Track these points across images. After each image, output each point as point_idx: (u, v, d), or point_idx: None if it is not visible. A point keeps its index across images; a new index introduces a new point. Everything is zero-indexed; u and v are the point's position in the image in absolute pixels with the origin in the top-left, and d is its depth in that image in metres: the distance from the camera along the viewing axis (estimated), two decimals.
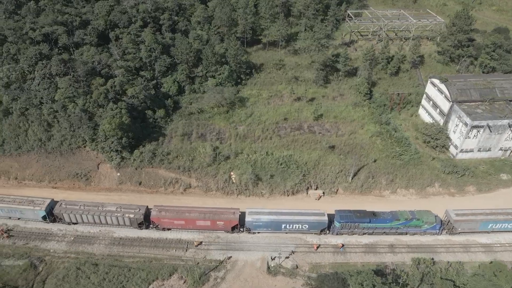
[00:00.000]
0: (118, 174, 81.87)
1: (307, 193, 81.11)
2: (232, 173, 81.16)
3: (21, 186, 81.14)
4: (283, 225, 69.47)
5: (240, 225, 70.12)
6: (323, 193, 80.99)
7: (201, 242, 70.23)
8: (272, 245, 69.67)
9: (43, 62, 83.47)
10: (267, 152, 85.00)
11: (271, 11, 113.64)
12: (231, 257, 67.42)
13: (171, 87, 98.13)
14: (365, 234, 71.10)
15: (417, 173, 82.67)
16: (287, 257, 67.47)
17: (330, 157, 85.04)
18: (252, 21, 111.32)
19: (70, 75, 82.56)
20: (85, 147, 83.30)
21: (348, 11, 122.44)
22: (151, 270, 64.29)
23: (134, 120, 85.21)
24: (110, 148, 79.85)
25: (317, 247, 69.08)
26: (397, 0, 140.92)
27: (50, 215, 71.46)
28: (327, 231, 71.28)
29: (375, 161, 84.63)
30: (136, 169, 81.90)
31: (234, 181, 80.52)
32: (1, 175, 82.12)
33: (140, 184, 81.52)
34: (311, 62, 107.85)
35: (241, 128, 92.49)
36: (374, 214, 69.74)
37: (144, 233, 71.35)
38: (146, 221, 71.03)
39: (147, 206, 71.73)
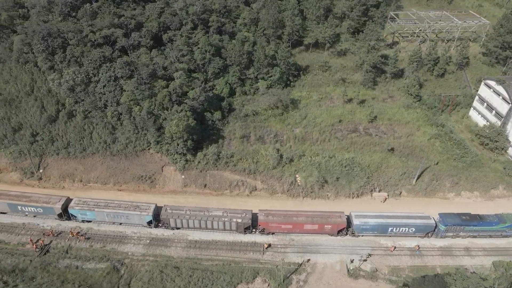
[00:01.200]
0: (183, 176, 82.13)
1: (372, 195, 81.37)
2: (297, 176, 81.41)
3: (87, 188, 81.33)
4: (389, 229, 69.86)
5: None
6: (388, 195, 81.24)
7: (269, 245, 70.30)
8: (348, 247, 69.98)
9: (107, 65, 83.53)
10: (329, 155, 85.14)
11: (318, 12, 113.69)
12: (309, 259, 67.65)
13: (223, 89, 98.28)
14: (469, 237, 71.34)
15: (481, 176, 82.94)
16: (364, 260, 67.72)
17: (391, 159, 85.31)
18: (299, 23, 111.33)
19: (134, 77, 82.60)
20: (149, 149, 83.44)
21: (391, 13, 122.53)
22: (233, 273, 64.46)
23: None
24: (175, 150, 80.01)
25: (394, 249, 69.43)
26: (432, 1, 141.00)
27: (155, 220, 71.45)
28: (431, 235, 71.37)
29: (437, 163, 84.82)
30: (201, 171, 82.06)
31: (299, 183, 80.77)
32: (66, 178, 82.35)
33: (205, 186, 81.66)
34: (360, 64, 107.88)
35: (298, 131, 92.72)
36: (480, 217, 70.13)
37: (219, 236, 71.50)
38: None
39: (252, 211, 71.52)
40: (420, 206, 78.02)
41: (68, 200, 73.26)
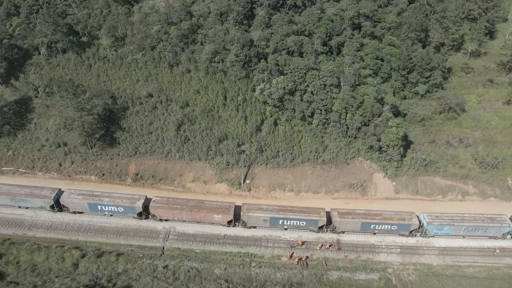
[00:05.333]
0: (394, 183, 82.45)
1: None
2: (509, 179, 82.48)
3: (301, 198, 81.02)
4: None
5: None
6: None
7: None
8: None
9: (312, 73, 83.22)
10: None
11: (463, 15, 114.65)
12: None
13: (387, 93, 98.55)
14: None
15: None
16: None
17: None
18: (446, 26, 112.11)
19: (341, 85, 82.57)
20: (358, 157, 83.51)
21: None
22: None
23: None
24: (391, 157, 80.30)
25: None
26: None
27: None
28: None
29: None
30: (412, 178, 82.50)
31: None
32: (276, 188, 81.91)
33: (417, 192, 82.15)
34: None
35: (477, 134, 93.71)
36: None
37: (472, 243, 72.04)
38: None
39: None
40: None
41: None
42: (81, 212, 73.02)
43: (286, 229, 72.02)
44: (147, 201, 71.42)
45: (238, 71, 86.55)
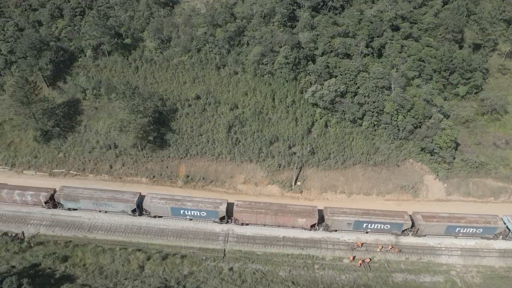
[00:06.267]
0: (445, 185, 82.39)
1: None
2: None
3: (352, 200, 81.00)
4: None
5: None
6: None
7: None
8: None
9: (362, 75, 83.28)
10: None
11: (500, 16, 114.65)
12: None
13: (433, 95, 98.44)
14: None
15: None
16: None
17: None
18: (483, 27, 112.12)
19: (391, 87, 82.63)
20: (409, 159, 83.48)
21: None
22: None
23: None
24: (443, 159, 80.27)
25: None
26: None
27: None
28: None
29: None
30: (463, 179, 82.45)
31: None
32: (328, 189, 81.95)
33: (468, 194, 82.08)
34: None
35: None
36: None
37: None
38: None
39: None
40: None
41: None
42: (160, 216, 73.01)
43: (367, 232, 71.97)
44: (229, 206, 71.25)
45: (287, 73, 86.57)
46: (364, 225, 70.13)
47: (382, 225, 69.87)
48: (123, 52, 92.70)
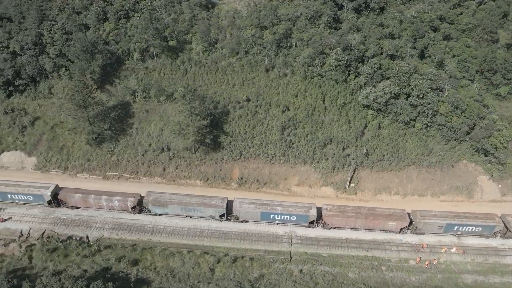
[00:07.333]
0: (499, 186, 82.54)
1: None
2: None
3: (407, 201, 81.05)
4: None
5: None
6: None
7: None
8: None
9: (415, 76, 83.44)
10: None
11: None
12: None
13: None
14: None
15: None
16: None
17: None
18: None
19: (446, 89, 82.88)
20: (463, 160, 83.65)
21: None
22: None
23: None
24: (498, 159, 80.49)
25: None
26: None
27: None
28: None
29: None
30: None
31: None
32: (382, 191, 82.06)
33: None
34: None
35: None
36: None
37: None
38: None
39: None
40: None
41: None
42: (246, 221, 72.98)
43: (459, 235, 72.53)
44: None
45: (338, 75, 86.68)
46: (455, 227, 70.39)
47: (474, 228, 70.22)
48: (170, 55, 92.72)
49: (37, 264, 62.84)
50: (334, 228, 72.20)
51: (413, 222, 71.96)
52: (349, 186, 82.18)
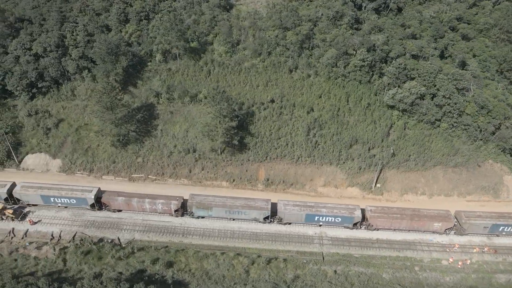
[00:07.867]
0: None
1: None
2: None
3: (434, 201, 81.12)
4: None
5: None
6: None
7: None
8: None
9: (441, 76, 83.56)
10: None
11: None
12: None
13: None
14: None
15: None
16: None
17: None
18: None
19: (471, 89, 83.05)
20: (489, 160, 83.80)
21: None
22: None
23: None
24: None
25: None
26: None
27: None
28: None
29: None
30: None
31: None
32: (408, 191, 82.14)
33: None
34: None
35: None
36: None
37: None
38: None
39: None
40: None
41: None
42: (290, 223, 73.06)
43: (500, 235, 72.64)
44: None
45: (363, 75, 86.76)
46: (501, 228, 70.45)
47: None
48: (192, 56, 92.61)
49: (71, 266, 62.60)
50: (378, 229, 72.04)
51: (459, 223, 71.73)
52: (375, 186, 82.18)
